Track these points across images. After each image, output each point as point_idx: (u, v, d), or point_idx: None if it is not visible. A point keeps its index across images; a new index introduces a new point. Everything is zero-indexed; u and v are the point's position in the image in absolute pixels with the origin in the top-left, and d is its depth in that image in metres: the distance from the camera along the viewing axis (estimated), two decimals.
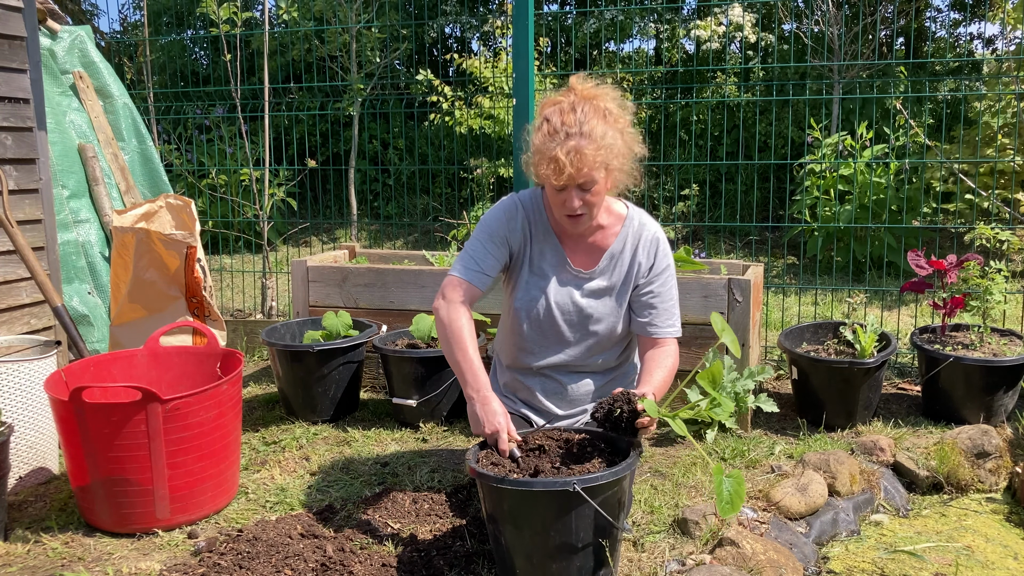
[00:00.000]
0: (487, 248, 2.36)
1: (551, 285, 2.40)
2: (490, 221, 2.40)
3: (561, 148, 2.13)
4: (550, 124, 2.18)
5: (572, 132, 2.14)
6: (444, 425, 3.37)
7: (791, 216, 6.57)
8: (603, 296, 2.41)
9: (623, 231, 2.40)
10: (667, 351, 2.35)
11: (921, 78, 7.02)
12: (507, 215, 2.40)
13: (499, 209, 2.43)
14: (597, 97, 2.23)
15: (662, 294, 2.39)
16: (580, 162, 2.13)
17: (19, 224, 3.22)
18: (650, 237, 2.41)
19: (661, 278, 2.40)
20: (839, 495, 2.72)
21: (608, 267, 2.40)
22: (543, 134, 2.19)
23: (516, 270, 2.44)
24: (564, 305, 2.40)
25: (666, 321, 2.38)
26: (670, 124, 7.23)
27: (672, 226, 5.93)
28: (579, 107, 2.18)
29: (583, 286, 2.41)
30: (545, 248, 2.41)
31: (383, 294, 3.76)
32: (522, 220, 2.40)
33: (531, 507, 1.95)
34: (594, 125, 2.16)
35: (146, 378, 2.82)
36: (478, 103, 6.33)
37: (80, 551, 2.36)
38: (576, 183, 2.18)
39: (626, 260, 2.40)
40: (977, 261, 3.56)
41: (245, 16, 5.13)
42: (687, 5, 8.05)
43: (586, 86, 2.26)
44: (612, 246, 2.40)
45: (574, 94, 2.24)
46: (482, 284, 2.34)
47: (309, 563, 2.18)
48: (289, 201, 6.37)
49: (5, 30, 3.30)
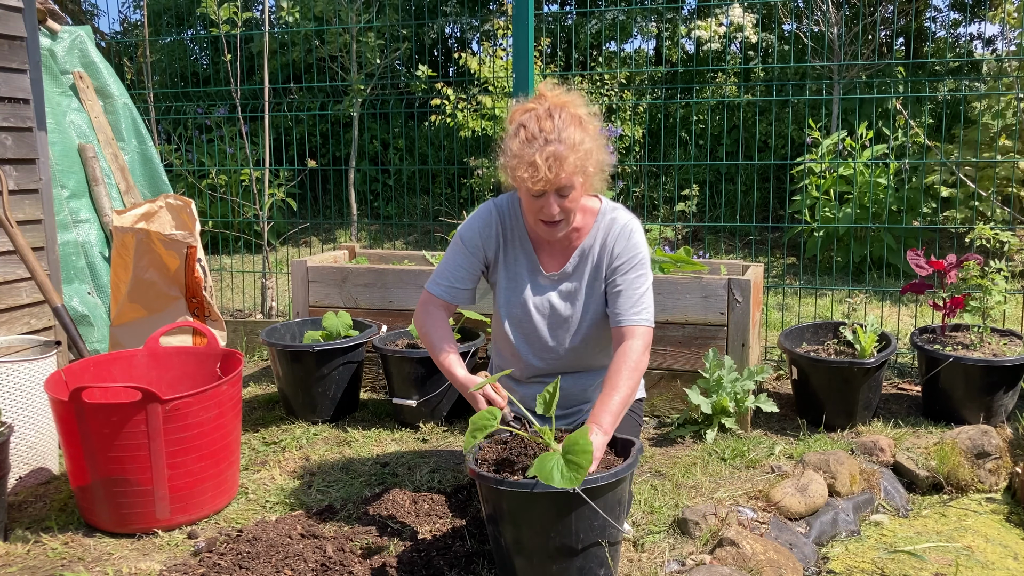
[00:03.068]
0: (459, 261, 2.45)
1: (527, 290, 2.44)
2: (464, 232, 2.47)
3: (540, 154, 2.14)
4: (527, 130, 2.19)
5: (551, 138, 2.16)
6: (444, 425, 3.37)
7: (791, 216, 6.57)
8: (578, 295, 2.42)
9: (594, 227, 2.41)
10: (630, 347, 2.24)
11: (921, 78, 7.02)
12: (481, 224, 2.45)
13: (474, 219, 2.47)
14: (569, 104, 2.25)
15: (627, 282, 2.33)
16: (559, 167, 2.15)
17: (19, 224, 3.22)
18: (619, 229, 2.39)
19: (629, 265, 2.35)
20: (839, 495, 2.72)
21: (579, 265, 2.41)
22: (520, 140, 2.19)
23: (494, 276, 2.49)
24: (543, 309, 2.43)
25: (630, 309, 2.30)
26: (670, 124, 7.23)
27: (672, 226, 5.93)
28: (555, 113, 2.20)
29: (558, 288, 2.43)
30: (519, 254, 2.45)
31: (383, 294, 3.76)
32: (496, 227, 2.44)
33: (531, 508, 1.95)
34: (572, 132, 2.18)
35: (146, 378, 2.82)
36: (480, 102, 6.33)
37: (80, 551, 2.36)
38: (554, 188, 2.19)
39: (595, 254, 2.40)
40: (977, 261, 3.56)
41: (245, 16, 5.13)
42: (687, 5, 8.05)
43: (556, 92, 2.28)
44: (583, 243, 2.41)
45: (547, 100, 2.25)
46: (456, 299, 2.46)
47: (309, 563, 2.18)
48: (289, 201, 6.37)
49: (5, 30, 3.30)
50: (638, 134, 6.98)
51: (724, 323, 3.30)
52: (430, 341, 2.41)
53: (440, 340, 2.40)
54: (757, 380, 3.21)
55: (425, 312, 2.46)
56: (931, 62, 7.72)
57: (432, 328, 2.43)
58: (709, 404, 3.16)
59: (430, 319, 2.44)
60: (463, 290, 2.46)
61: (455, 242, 2.48)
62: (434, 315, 2.44)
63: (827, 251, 6.22)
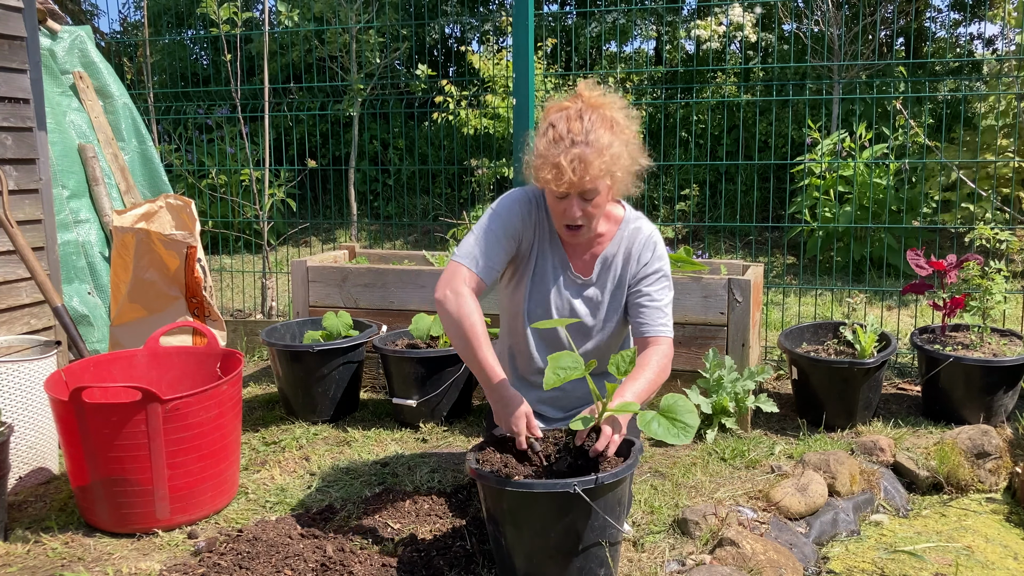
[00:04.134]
0: (500, 241, 2.26)
1: (553, 290, 2.37)
2: (504, 213, 2.30)
3: (565, 155, 2.09)
4: (556, 130, 2.14)
5: (578, 140, 2.11)
6: (444, 425, 3.37)
7: (791, 216, 6.57)
8: (600, 302, 2.38)
9: (617, 235, 2.38)
10: (657, 350, 2.26)
11: (921, 78, 7.02)
12: (524, 209, 2.32)
13: (515, 202, 2.32)
14: (604, 106, 2.20)
15: (652, 293, 2.32)
16: (583, 171, 2.10)
17: (19, 224, 3.22)
18: (643, 239, 2.36)
19: (652, 278, 2.34)
20: (839, 495, 2.72)
21: (602, 272, 2.38)
22: (548, 139, 2.15)
23: (520, 270, 2.38)
24: (563, 311, 2.37)
25: (657, 320, 2.30)
26: (670, 124, 7.23)
27: (672, 226, 5.93)
28: (586, 115, 2.15)
29: (582, 293, 2.38)
30: (548, 250, 2.38)
31: (383, 294, 3.76)
32: (536, 216, 2.35)
33: (531, 508, 1.95)
34: (600, 134, 2.13)
35: (146, 378, 2.82)
36: (485, 101, 6.33)
37: (80, 551, 2.36)
38: (577, 191, 2.15)
39: (619, 264, 2.37)
40: (977, 261, 3.56)
41: (245, 16, 5.13)
42: (687, 5, 8.05)
43: (594, 94, 2.22)
44: (605, 250, 2.37)
45: (581, 101, 2.20)
46: (490, 279, 2.25)
47: (309, 563, 2.18)
48: (289, 201, 6.37)
49: (5, 30, 3.30)
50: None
51: (724, 323, 3.30)
52: (464, 330, 2.14)
53: (481, 332, 2.15)
54: (757, 380, 3.21)
55: (457, 295, 2.16)
56: (931, 62, 7.72)
57: (470, 314, 2.14)
58: (709, 404, 3.16)
59: (464, 303, 2.15)
60: (497, 272, 2.26)
61: (492, 219, 2.28)
62: (468, 298, 2.16)
63: (827, 251, 6.22)
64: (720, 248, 7.29)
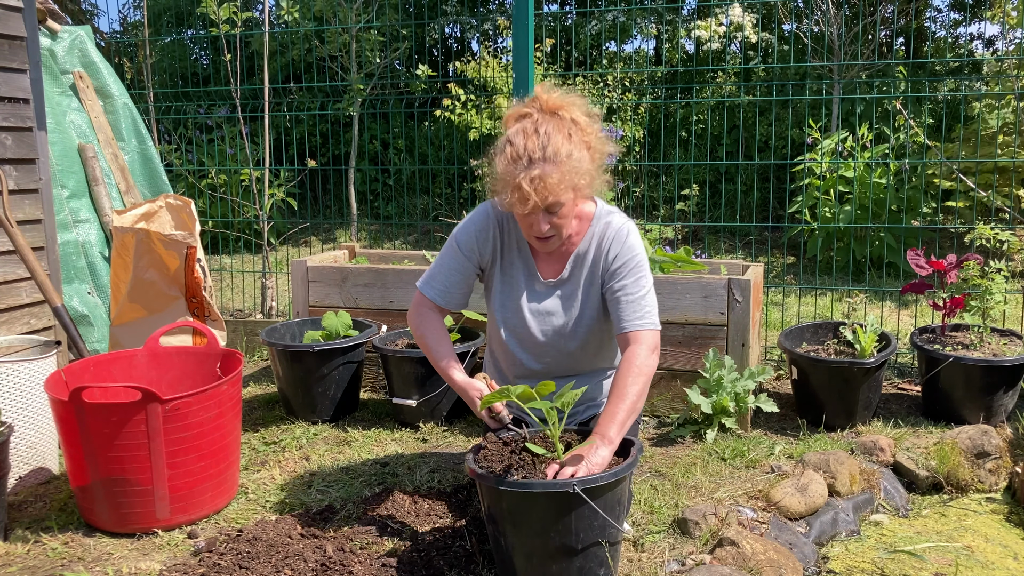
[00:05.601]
0: (454, 265, 2.40)
1: (523, 296, 2.39)
2: (460, 236, 2.41)
3: (525, 176, 2.07)
4: (513, 147, 2.11)
5: (535, 158, 2.08)
6: (444, 425, 3.37)
7: (791, 216, 6.57)
8: (574, 301, 2.37)
9: (589, 232, 2.35)
10: (637, 350, 2.18)
11: (921, 78, 7.02)
12: (477, 229, 2.39)
13: (471, 223, 2.41)
14: (562, 107, 2.18)
15: (627, 287, 2.26)
16: (544, 190, 2.08)
17: (19, 224, 3.22)
18: (613, 233, 2.32)
19: (624, 270, 2.28)
20: (839, 495, 2.72)
21: (575, 271, 2.37)
22: (506, 159, 2.12)
23: (490, 281, 2.45)
24: (537, 314, 2.38)
25: (634, 313, 2.23)
26: (670, 124, 7.23)
27: (672, 226, 5.93)
28: (542, 127, 2.11)
29: (554, 294, 2.38)
30: (516, 259, 2.40)
31: (383, 294, 3.76)
32: (494, 231, 2.39)
33: (531, 508, 1.95)
34: (558, 146, 2.09)
35: (146, 378, 2.82)
36: (493, 102, 6.32)
37: (80, 551, 2.36)
38: (542, 209, 2.14)
39: (590, 259, 2.35)
40: (977, 261, 3.56)
41: (245, 16, 5.13)
42: (687, 5, 8.05)
43: (552, 96, 2.20)
44: (578, 248, 2.36)
45: (538, 105, 2.18)
46: (450, 303, 2.41)
47: (309, 563, 2.18)
48: (289, 201, 6.37)
49: (5, 30, 3.31)
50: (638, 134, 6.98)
51: (724, 323, 3.30)
52: (426, 344, 2.38)
53: (437, 344, 2.36)
54: (757, 380, 3.20)
55: (419, 314, 2.41)
56: (931, 62, 7.71)
57: (428, 331, 2.39)
58: (709, 404, 3.16)
59: (425, 322, 2.40)
60: (457, 294, 2.41)
61: (450, 245, 2.42)
62: (428, 317, 2.40)
63: (827, 251, 6.22)
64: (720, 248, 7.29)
